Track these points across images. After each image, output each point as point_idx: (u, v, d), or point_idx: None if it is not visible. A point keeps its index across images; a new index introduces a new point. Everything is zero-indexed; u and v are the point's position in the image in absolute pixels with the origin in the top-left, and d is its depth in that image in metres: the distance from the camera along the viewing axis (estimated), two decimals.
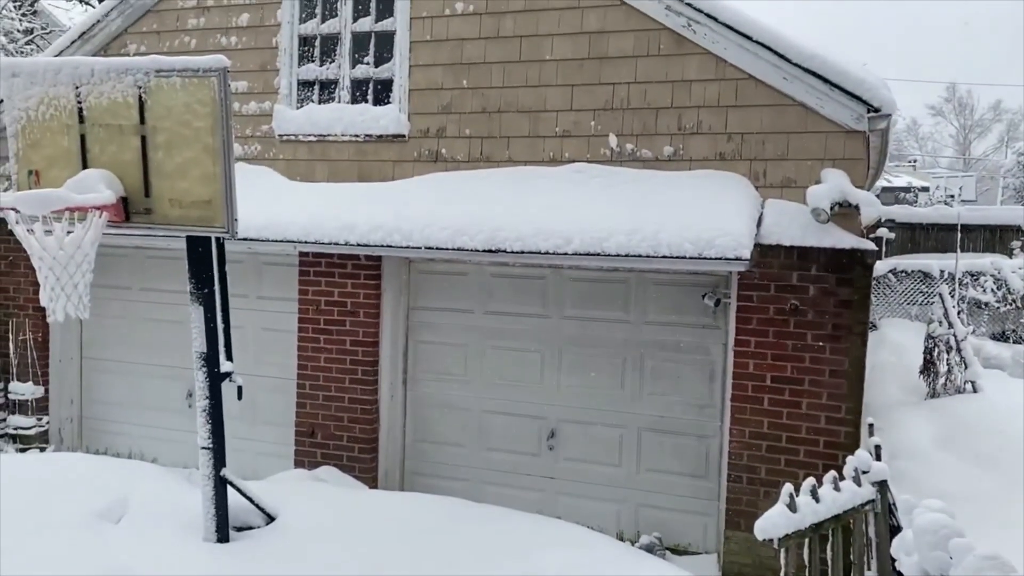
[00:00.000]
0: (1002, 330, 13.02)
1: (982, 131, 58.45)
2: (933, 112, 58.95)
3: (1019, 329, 12.47)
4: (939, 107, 58.55)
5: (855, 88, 5.67)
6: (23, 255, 7.79)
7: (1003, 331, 13.00)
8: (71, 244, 4.09)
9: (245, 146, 7.47)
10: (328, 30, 7.27)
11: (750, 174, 6.06)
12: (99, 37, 7.87)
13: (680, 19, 6.13)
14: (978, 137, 58.38)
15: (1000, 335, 12.94)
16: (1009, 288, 12.80)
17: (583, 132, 6.51)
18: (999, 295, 12.96)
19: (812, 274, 5.76)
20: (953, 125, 59.45)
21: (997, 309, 13.07)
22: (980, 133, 58.45)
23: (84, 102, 4.42)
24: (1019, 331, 12.45)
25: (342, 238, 6.36)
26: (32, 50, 19.27)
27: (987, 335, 12.85)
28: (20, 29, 19.34)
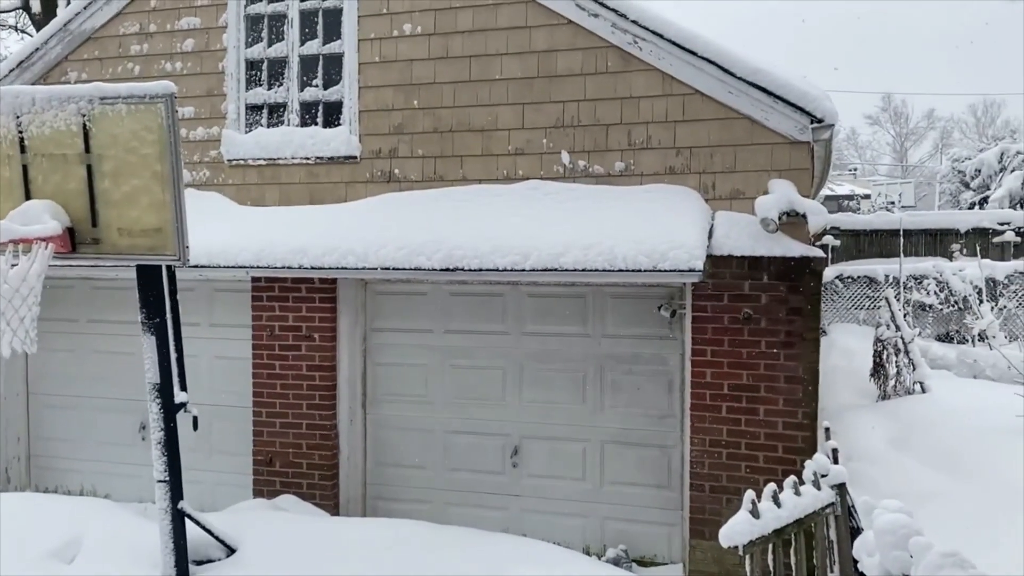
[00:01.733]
0: (946, 331, 13.39)
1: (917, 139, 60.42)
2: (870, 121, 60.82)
3: (962, 330, 12.83)
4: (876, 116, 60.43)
5: (798, 100, 5.82)
6: None
7: (947, 332, 13.37)
8: (15, 277, 3.98)
9: (194, 172, 7.37)
10: (275, 54, 7.22)
11: (700, 187, 6.16)
12: (38, 66, 7.71)
13: (626, 36, 6.22)
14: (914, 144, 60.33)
15: (945, 336, 13.31)
16: (951, 290, 13.19)
17: (536, 150, 6.56)
18: (942, 297, 13.35)
19: (763, 283, 5.87)
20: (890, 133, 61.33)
21: (941, 311, 13.45)
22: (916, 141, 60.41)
23: (25, 132, 4.32)
24: (963, 332, 12.81)
25: (295, 262, 6.29)
26: None
27: (933, 336, 13.21)
28: None
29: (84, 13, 7.57)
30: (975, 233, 15.72)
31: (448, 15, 6.70)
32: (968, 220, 16.24)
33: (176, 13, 7.40)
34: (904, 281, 13.47)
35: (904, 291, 13.37)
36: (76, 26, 7.61)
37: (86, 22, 7.59)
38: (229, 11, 7.26)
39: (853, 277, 14.24)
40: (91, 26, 7.60)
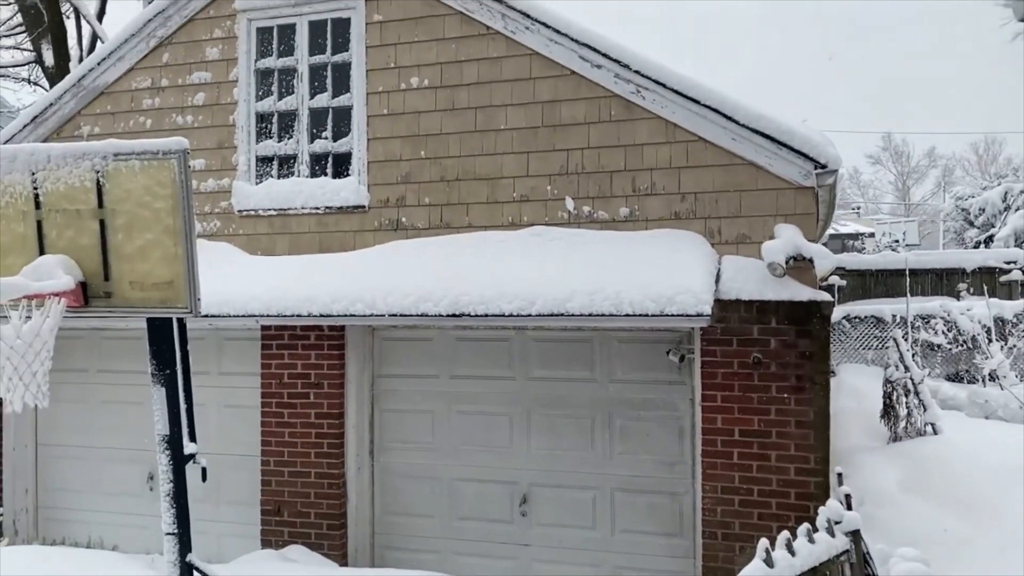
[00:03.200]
0: (956, 371, 13.32)
1: (919, 177, 60.67)
2: (872, 161, 61.15)
3: (972, 370, 12.76)
4: (877, 156, 60.75)
5: (802, 146, 5.88)
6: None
7: (957, 372, 13.30)
8: (29, 332, 4.01)
9: (204, 223, 7.45)
10: (285, 107, 7.35)
11: (705, 232, 6.21)
12: (52, 120, 7.86)
13: (629, 86, 6.32)
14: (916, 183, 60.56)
15: (955, 376, 13.23)
16: (959, 330, 13.14)
17: (540, 196, 6.63)
18: (950, 337, 13.29)
19: (772, 327, 5.87)
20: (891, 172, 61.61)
21: (950, 351, 13.38)
22: (917, 179, 60.66)
23: (40, 188, 4.39)
24: (973, 371, 12.74)
25: (304, 309, 6.33)
26: None
27: (942, 376, 13.12)
28: None
29: (97, 69, 7.74)
30: (982, 272, 15.69)
31: (454, 68, 6.82)
32: (974, 259, 16.23)
33: (187, 68, 7.55)
34: (912, 321, 13.44)
35: (912, 331, 13.33)
36: (89, 81, 7.76)
37: (99, 77, 7.75)
38: (240, 66, 7.41)
39: (860, 317, 14.21)
40: (104, 81, 7.75)
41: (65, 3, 16.67)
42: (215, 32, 7.49)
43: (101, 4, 18.95)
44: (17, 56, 20.01)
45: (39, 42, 15.06)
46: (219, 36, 7.47)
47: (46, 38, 14.80)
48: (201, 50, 7.53)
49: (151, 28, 7.61)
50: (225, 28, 7.46)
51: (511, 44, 6.66)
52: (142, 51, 7.65)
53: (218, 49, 7.48)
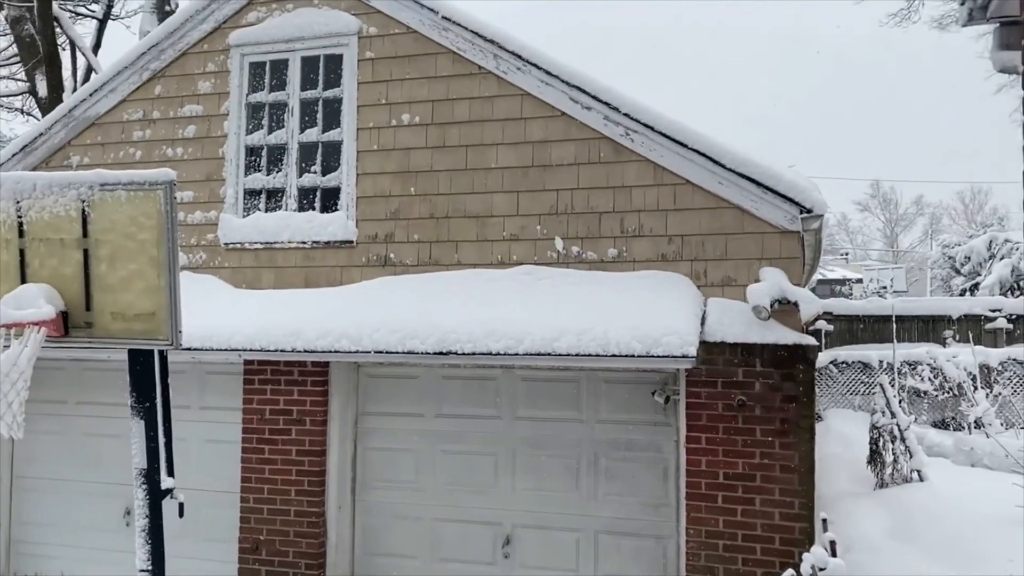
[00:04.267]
0: (942, 418, 13.31)
1: (907, 224, 61.32)
2: (860, 207, 61.80)
3: (958, 416, 12.75)
4: (865, 203, 61.41)
5: (788, 191, 5.93)
6: None
7: (943, 419, 13.29)
8: (7, 362, 3.95)
9: (190, 255, 7.42)
10: (275, 141, 7.38)
11: (692, 274, 6.22)
12: (41, 150, 7.85)
13: (618, 128, 6.38)
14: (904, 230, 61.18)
15: (941, 423, 13.22)
16: (946, 376, 13.16)
17: (530, 236, 6.64)
18: (936, 383, 13.31)
19: (757, 370, 5.86)
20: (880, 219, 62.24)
21: (936, 397, 13.39)
22: (905, 226, 61.30)
23: (25, 217, 4.36)
24: (959, 418, 12.73)
25: (289, 344, 6.28)
26: None
27: (929, 423, 13.11)
28: None
29: (89, 100, 7.76)
30: (968, 319, 15.78)
31: (446, 106, 6.87)
32: (960, 306, 16.33)
33: (179, 101, 7.58)
34: (898, 367, 13.46)
35: (899, 377, 13.35)
36: (81, 112, 7.78)
37: (91, 108, 7.77)
38: (231, 99, 7.44)
39: (847, 362, 14.23)
40: (95, 112, 7.77)
41: (61, 35, 16.78)
42: (208, 66, 7.53)
43: (97, 36, 19.11)
44: (11, 86, 20.09)
45: (33, 73, 15.12)
46: (212, 70, 7.52)
47: (40, 69, 14.86)
48: (193, 83, 7.57)
49: (144, 61, 7.65)
50: (218, 62, 7.51)
51: (503, 84, 6.73)
52: (135, 83, 7.69)
53: (210, 83, 7.52)
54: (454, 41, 6.82)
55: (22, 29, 15.47)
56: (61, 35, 16.96)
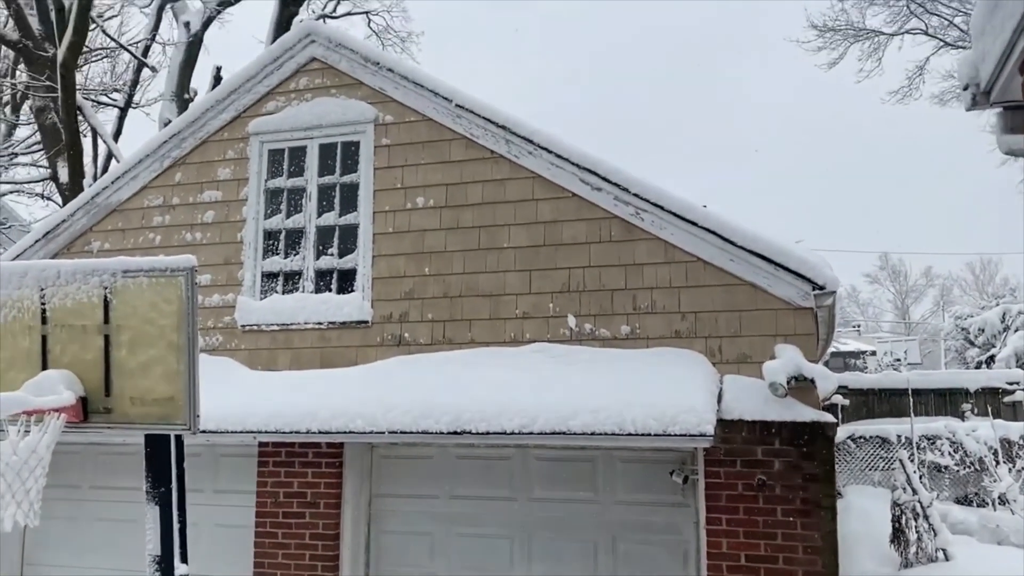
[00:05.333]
0: (965, 493, 13.03)
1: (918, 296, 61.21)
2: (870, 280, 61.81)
3: (981, 492, 12.49)
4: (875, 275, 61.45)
5: (799, 268, 5.98)
6: None
7: (966, 494, 13.01)
8: (25, 449, 3.96)
9: (207, 337, 7.48)
10: (293, 224, 7.52)
11: (706, 350, 6.22)
12: (63, 236, 8.02)
13: (628, 208, 6.49)
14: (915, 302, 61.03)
15: (964, 499, 12.94)
16: (966, 451, 12.95)
17: (542, 314, 6.68)
18: (957, 458, 13.09)
19: (776, 448, 5.80)
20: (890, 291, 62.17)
21: (957, 472, 13.14)
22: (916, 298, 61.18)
23: (48, 304, 4.44)
24: (981, 494, 12.47)
25: (303, 426, 6.26)
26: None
27: (951, 499, 12.83)
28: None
29: (111, 187, 7.95)
30: (985, 392, 15.61)
31: (459, 189, 7.02)
32: (977, 379, 16.18)
33: (199, 187, 7.77)
34: (917, 442, 13.26)
35: (918, 452, 13.13)
36: (103, 199, 7.97)
37: (112, 195, 7.96)
38: (250, 185, 7.62)
39: (865, 437, 14.04)
40: (117, 199, 7.96)
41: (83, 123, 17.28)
42: (228, 153, 7.74)
43: (118, 124, 19.68)
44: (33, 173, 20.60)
45: (55, 159, 15.53)
46: (231, 157, 7.73)
47: (62, 156, 15.25)
48: (213, 170, 7.76)
49: (166, 149, 7.87)
50: (237, 150, 7.72)
51: (514, 167, 6.88)
52: (155, 171, 7.89)
53: (230, 169, 7.72)
54: (467, 127, 7.01)
55: (45, 118, 15.96)
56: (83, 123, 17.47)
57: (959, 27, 21.57)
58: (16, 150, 20.61)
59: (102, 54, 20.58)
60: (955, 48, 22.00)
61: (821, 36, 23.31)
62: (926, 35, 22.79)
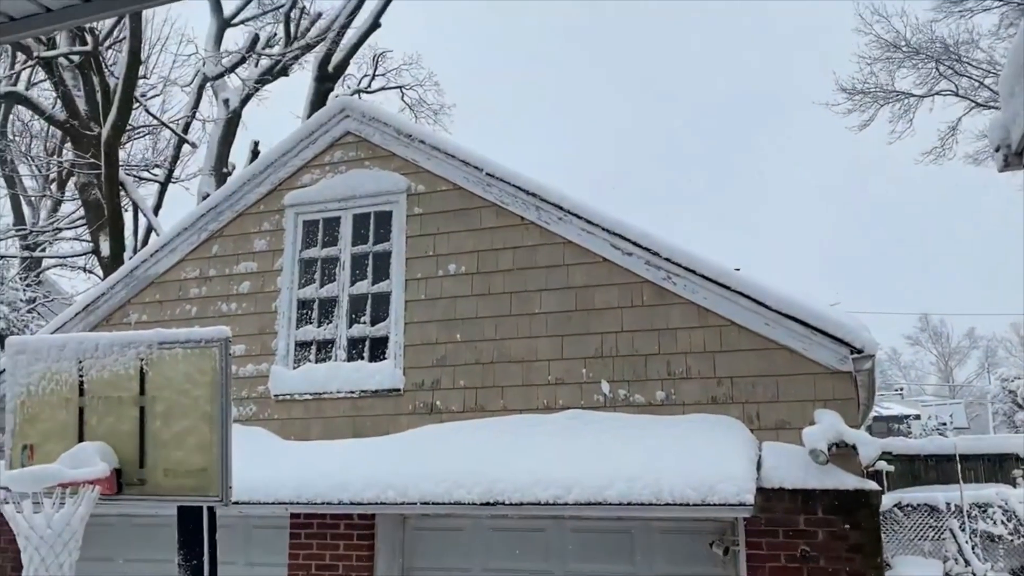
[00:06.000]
0: (1021, 564, 12.47)
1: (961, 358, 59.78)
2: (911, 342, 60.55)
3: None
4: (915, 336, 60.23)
5: (835, 331, 5.88)
6: (6, 532, 7.51)
7: (1022, 566, 12.45)
8: (60, 522, 3.96)
9: (240, 407, 7.51)
10: (326, 293, 7.60)
11: (744, 417, 6.10)
12: (102, 309, 8.17)
13: (660, 272, 6.46)
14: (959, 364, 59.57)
15: (1020, 570, 12.38)
16: (1020, 520, 12.44)
17: (575, 379, 6.62)
18: (1011, 527, 12.56)
19: (819, 517, 5.62)
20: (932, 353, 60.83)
21: (1011, 542, 12.60)
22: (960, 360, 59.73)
23: (86, 376, 4.49)
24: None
25: (335, 497, 6.21)
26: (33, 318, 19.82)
27: (1006, 571, 12.27)
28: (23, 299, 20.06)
29: (150, 260, 8.12)
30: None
31: (490, 256, 7.06)
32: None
33: (235, 258, 7.91)
34: (967, 510, 12.77)
35: (968, 520, 12.64)
36: (141, 272, 8.13)
37: (151, 268, 8.13)
38: (285, 256, 7.74)
39: (913, 505, 13.54)
40: (155, 272, 8.12)
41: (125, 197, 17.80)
42: (263, 225, 7.89)
43: (158, 198, 20.24)
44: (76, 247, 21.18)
45: (98, 234, 15.95)
46: (267, 229, 7.87)
47: (104, 230, 15.68)
48: (249, 242, 7.90)
49: (203, 222, 8.05)
50: (273, 222, 7.87)
51: (545, 233, 6.91)
52: (193, 243, 8.06)
53: (265, 241, 7.85)
54: (498, 195, 7.09)
55: (89, 194, 16.46)
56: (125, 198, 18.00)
57: (990, 88, 21.58)
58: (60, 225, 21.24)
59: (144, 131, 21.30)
60: (987, 108, 21.96)
61: (851, 99, 23.41)
62: (957, 96, 22.80)
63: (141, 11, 15.27)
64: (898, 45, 22.38)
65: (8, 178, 20.79)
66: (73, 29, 15.76)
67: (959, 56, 22.04)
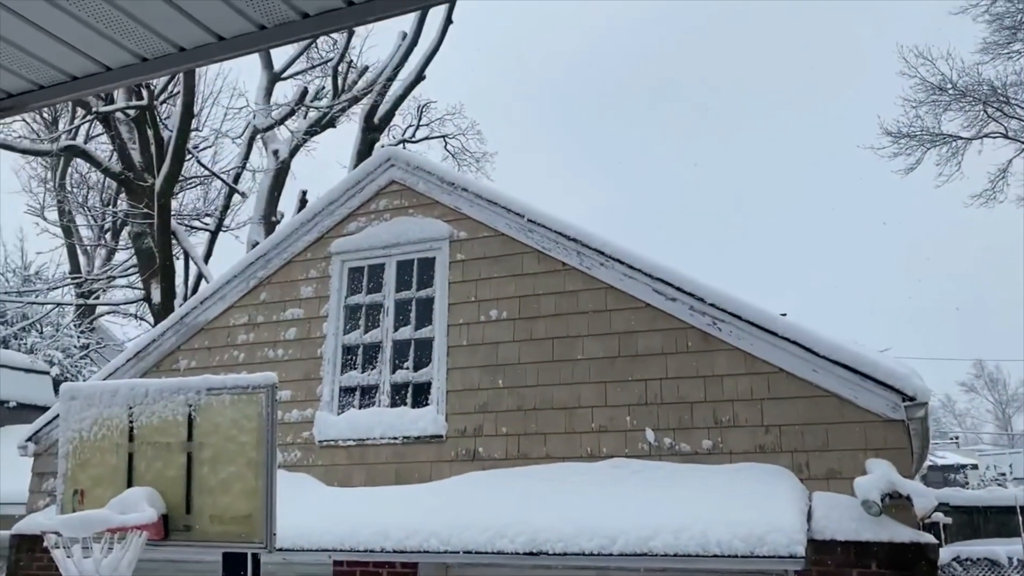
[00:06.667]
0: None
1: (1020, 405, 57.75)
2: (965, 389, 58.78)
3: None
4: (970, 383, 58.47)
5: (886, 378, 5.74)
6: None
7: None
8: (108, 567, 4.01)
9: (285, 453, 7.56)
10: (370, 339, 7.67)
11: (793, 466, 5.96)
12: (153, 355, 8.33)
13: (705, 318, 6.40)
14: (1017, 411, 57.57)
15: None
16: None
17: (619, 427, 6.55)
18: None
19: (872, 571, 5.43)
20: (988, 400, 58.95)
21: None
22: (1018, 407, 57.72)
23: (136, 421, 4.57)
24: None
25: (378, 545, 6.18)
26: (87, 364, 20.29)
27: None
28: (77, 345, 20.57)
29: (200, 308, 8.30)
30: None
31: (532, 301, 7.07)
32: None
33: (283, 305, 8.04)
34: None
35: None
36: (191, 319, 8.30)
37: (200, 315, 8.29)
38: (331, 302, 7.85)
39: (972, 559, 13.03)
40: (204, 319, 8.28)
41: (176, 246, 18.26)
42: (310, 272, 8.02)
43: (208, 246, 20.71)
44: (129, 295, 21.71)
45: (149, 281, 16.36)
46: (314, 276, 8.00)
47: (156, 278, 16.08)
48: (296, 288, 8.03)
49: (252, 270, 8.21)
50: (320, 268, 7.99)
51: (587, 279, 6.91)
52: (242, 291, 8.22)
53: (312, 287, 7.97)
54: (539, 241, 7.12)
55: (142, 243, 16.94)
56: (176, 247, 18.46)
57: None
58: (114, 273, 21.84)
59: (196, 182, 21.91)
60: None
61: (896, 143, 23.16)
62: (1006, 138, 22.42)
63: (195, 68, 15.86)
64: (944, 88, 22.15)
65: (66, 228, 21.51)
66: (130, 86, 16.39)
67: (1007, 98, 21.74)
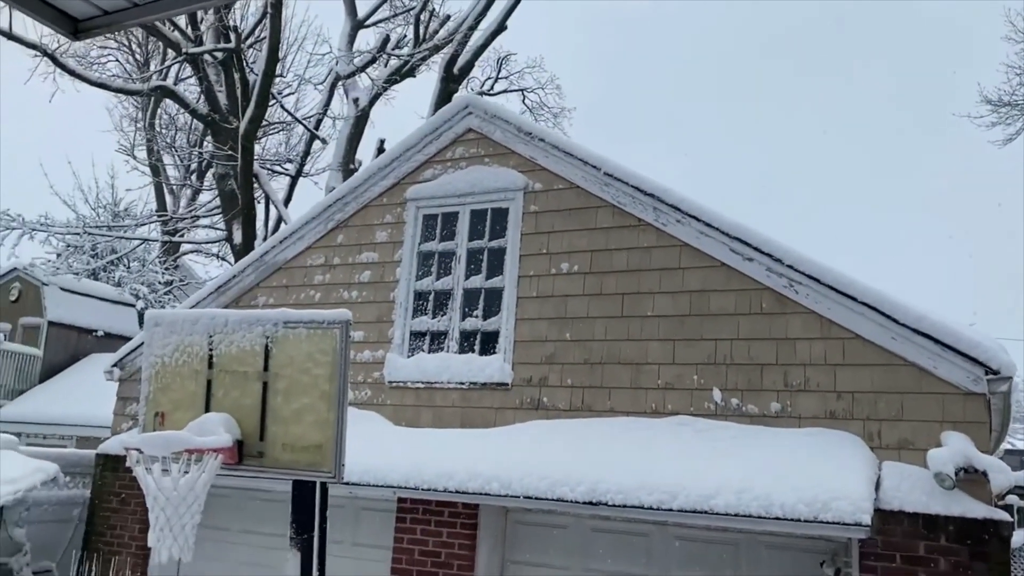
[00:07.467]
0: None
1: None
2: None
3: None
4: None
5: (970, 350, 5.54)
6: (135, 493, 8.03)
7: None
8: (185, 486, 4.20)
9: (356, 391, 7.76)
10: (442, 287, 7.76)
11: (864, 434, 5.83)
12: (233, 290, 8.61)
13: (781, 280, 6.26)
14: None
15: None
16: None
17: (686, 385, 6.50)
18: None
19: (941, 545, 5.30)
20: None
21: None
22: None
23: (215, 350, 4.74)
24: None
25: (441, 484, 6.32)
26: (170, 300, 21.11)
27: None
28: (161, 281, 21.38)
29: (279, 247, 8.51)
30: None
31: (604, 256, 7.02)
32: None
33: (358, 248, 8.18)
34: None
35: None
36: (270, 258, 8.53)
37: (279, 254, 8.51)
38: (404, 248, 7.95)
39: None
40: (283, 258, 8.49)
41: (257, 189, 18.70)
42: (386, 218, 8.13)
43: (289, 191, 21.15)
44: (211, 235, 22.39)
45: (231, 222, 16.83)
46: (389, 221, 8.10)
47: (238, 219, 16.52)
48: (371, 233, 8.16)
49: (330, 212, 8.36)
50: (395, 214, 8.09)
51: (661, 235, 6.82)
52: (319, 232, 8.38)
53: (387, 233, 8.08)
54: (615, 196, 7.04)
55: (226, 184, 17.39)
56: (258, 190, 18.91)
57: None
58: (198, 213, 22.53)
59: (279, 127, 22.33)
60: None
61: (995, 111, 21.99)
62: None
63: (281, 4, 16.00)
64: None
65: (154, 167, 22.23)
66: (219, 27, 16.69)
67: None
